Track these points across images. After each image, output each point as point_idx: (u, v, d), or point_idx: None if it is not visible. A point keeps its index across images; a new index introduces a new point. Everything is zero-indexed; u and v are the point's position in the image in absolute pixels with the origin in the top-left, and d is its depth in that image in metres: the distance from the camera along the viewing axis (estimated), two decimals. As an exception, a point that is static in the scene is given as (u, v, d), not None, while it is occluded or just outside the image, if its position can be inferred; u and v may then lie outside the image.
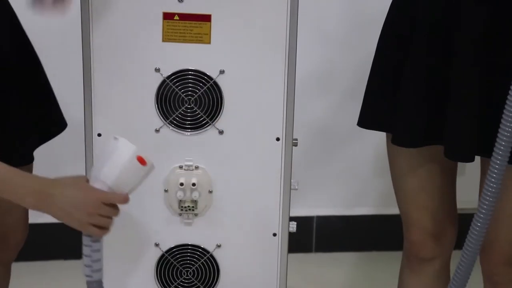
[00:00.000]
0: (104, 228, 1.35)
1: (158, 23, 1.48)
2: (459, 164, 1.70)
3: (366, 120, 1.69)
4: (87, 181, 1.35)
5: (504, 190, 1.56)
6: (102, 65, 1.50)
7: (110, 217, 1.35)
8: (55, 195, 1.31)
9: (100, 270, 1.40)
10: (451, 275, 1.59)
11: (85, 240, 1.39)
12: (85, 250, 1.39)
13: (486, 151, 1.48)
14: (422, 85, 1.57)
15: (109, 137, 1.36)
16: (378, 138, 1.76)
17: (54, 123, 1.67)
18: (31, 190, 1.30)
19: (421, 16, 1.55)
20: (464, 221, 1.46)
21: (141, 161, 1.34)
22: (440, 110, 1.56)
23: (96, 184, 1.34)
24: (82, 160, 1.55)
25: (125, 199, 1.35)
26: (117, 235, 1.57)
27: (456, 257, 1.49)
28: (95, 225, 1.34)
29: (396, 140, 1.62)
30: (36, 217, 2.68)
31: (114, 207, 1.35)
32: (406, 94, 1.59)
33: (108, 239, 1.57)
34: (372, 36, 1.80)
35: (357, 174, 2.80)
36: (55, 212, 1.31)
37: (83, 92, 1.52)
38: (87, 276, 1.39)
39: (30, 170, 1.62)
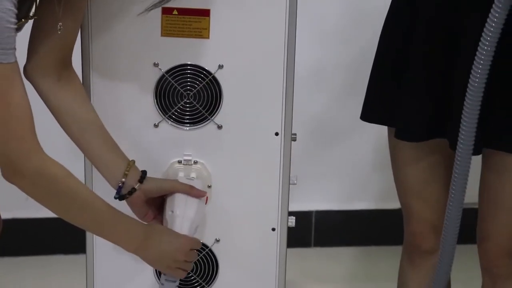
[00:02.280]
0: (186, 270, 1.47)
1: (157, 18, 1.48)
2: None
3: (369, 114, 1.70)
4: None
5: (500, 181, 1.56)
6: (100, 60, 1.50)
7: (192, 261, 1.47)
8: (154, 245, 1.42)
9: None
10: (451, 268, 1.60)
11: (170, 276, 1.46)
12: (169, 285, 1.46)
13: (492, 144, 1.49)
14: (425, 78, 1.57)
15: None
16: (377, 133, 1.77)
17: None
18: (135, 239, 1.40)
19: (423, 9, 1.55)
20: (465, 214, 1.46)
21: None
22: (443, 104, 1.56)
23: (183, 229, 1.46)
24: (80, 158, 1.55)
25: (200, 245, 1.51)
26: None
27: (457, 250, 1.49)
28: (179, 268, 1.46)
29: (399, 134, 1.62)
30: (35, 211, 2.69)
31: (196, 253, 1.48)
32: (409, 88, 1.59)
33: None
34: (371, 31, 1.80)
35: (356, 169, 2.80)
36: (149, 258, 1.43)
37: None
38: None
39: None
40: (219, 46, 1.49)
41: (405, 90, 1.60)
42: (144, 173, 1.47)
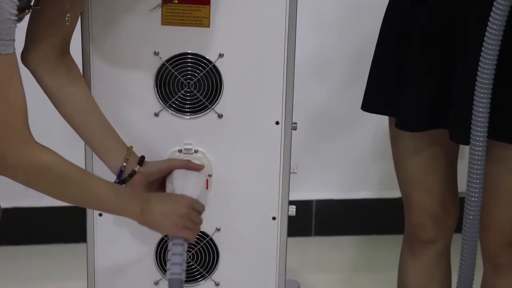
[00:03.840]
0: (193, 232, 1.44)
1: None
2: (459, 147, 1.70)
3: (370, 104, 1.70)
4: None
5: (500, 172, 1.56)
6: (100, 49, 1.50)
7: (197, 224, 1.45)
8: (155, 207, 1.41)
9: (184, 270, 1.40)
10: (452, 258, 1.60)
11: (178, 239, 1.41)
12: (177, 249, 1.40)
13: (493, 135, 1.48)
14: (425, 68, 1.57)
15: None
16: (377, 122, 1.77)
17: None
18: (136, 207, 1.39)
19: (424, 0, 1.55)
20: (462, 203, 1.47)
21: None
22: (443, 94, 1.56)
23: None
24: (81, 147, 1.55)
25: (204, 208, 1.48)
26: (116, 219, 1.57)
27: (457, 240, 1.49)
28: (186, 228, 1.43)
29: (400, 124, 1.62)
30: (35, 200, 2.70)
31: (199, 215, 1.46)
32: (409, 78, 1.59)
33: (105, 224, 1.58)
34: (372, 20, 1.80)
35: (357, 158, 2.80)
36: (154, 221, 1.41)
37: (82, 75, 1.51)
38: (177, 274, 1.37)
39: None
40: (220, 35, 1.49)
41: (405, 80, 1.60)
42: (143, 157, 1.49)
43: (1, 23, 1.14)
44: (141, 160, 1.49)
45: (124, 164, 1.47)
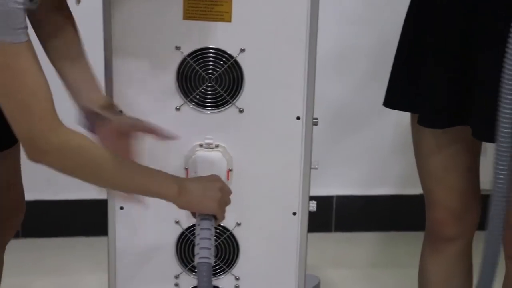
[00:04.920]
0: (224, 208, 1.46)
1: (179, 1, 1.48)
2: (482, 144, 1.69)
3: (392, 100, 1.69)
4: None
5: None
6: (122, 43, 1.50)
7: (227, 204, 1.46)
8: (191, 186, 1.42)
9: (213, 255, 1.40)
10: (473, 255, 1.59)
11: (206, 223, 1.41)
12: (205, 233, 1.40)
13: None
14: (448, 65, 1.57)
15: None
16: (398, 118, 1.76)
17: None
18: (172, 187, 1.39)
19: None
20: (487, 201, 1.45)
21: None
22: (466, 91, 1.55)
23: None
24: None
25: (231, 192, 1.48)
26: (138, 213, 1.58)
27: (478, 237, 1.49)
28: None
29: (423, 121, 1.61)
30: (57, 193, 2.71)
31: (229, 195, 1.47)
32: (433, 75, 1.59)
33: (126, 217, 1.59)
34: (395, 15, 1.79)
35: (377, 154, 2.80)
36: (193, 198, 1.41)
37: (104, 70, 1.52)
38: (206, 258, 1.38)
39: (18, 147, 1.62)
40: (241, 29, 1.49)
41: (428, 76, 1.60)
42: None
43: (7, 13, 1.14)
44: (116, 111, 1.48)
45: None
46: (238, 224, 1.59)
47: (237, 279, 1.62)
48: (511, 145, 1.42)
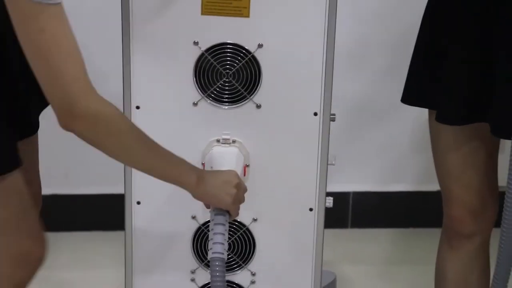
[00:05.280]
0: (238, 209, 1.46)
1: (197, -4, 1.48)
2: (500, 141, 1.68)
3: (410, 96, 1.69)
4: None
5: None
6: (141, 38, 1.51)
7: (241, 202, 1.46)
8: (209, 178, 1.41)
9: (226, 250, 1.40)
10: (491, 252, 1.58)
11: (220, 219, 1.41)
12: (219, 228, 1.40)
13: None
14: (467, 62, 1.56)
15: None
16: (415, 114, 1.75)
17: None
18: (193, 177, 1.39)
19: None
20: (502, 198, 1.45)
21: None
22: (485, 87, 1.55)
23: None
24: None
25: (246, 189, 1.48)
26: (154, 208, 1.59)
27: (496, 235, 1.48)
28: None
29: (441, 117, 1.61)
30: (75, 188, 2.72)
31: (244, 193, 1.47)
32: (451, 71, 1.58)
33: (143, 212, 1.59)
34: (412, 11, 1.78)
35: (394, 151, 2.79)
36: (209, 190, 1.40)
37: (122, 65, 1.52)
38: (219, 253, 1.37)
39: (36, 138, 1.61)
40: (259, 25, 1.49)
41: (446, 73, 1.59)
42: None
43: None
44: None
45: None
46: (255, 220, 1.60)
47: (253, 274, 1.63)
48: None
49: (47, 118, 1.64)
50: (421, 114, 1.76)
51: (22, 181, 1.51)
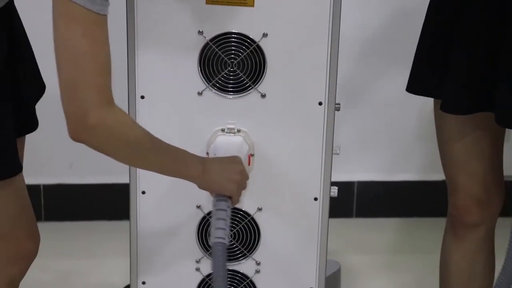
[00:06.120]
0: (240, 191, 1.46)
1: (202, -15, 1.47)
2: (505, 131, 1.68)
3: (415, 85, 1.69)
4: None
5: None
6: (145, 28, 1.50)
7: (244, 188, 1.47)
8: (213, 166, 1.42)
9: (228, 235, 1.40)
10: (496, 242, 1.57)
11: (222, 204, 1.42)
12: (221, 214, 1.40)
13: None
14: (473, 51, 1.55)
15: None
16: (420, 104, 1.75)
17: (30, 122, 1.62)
18: (197, 167, 1.40)
19: None
20: (510, 188, 1.45)
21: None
22: (490, 77, 1.54)
23: None
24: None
25: (248, 177, 1.49)
26: (159, 197, 1.59)
27: (501, 224, 1.48)
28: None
29: (446, 106, 1.61)
30: (79, 178, 2.73)
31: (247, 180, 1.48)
32: (456, 61, 1.57)
33: (148, 201, 1.59)
34: (417, 1, 1.78)
35: (399, 140, 2.79)
36: (213, 178, 1.41)
37: (126, 55, 1.52)
38: (221, 238, 1.37)
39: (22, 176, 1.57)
40: (264, 14, 1.49)
41: (451, 62, 1.59)
42: None
43: None
44: None
45: None
46: (259, 209, 1.60)
47: (258, 263, 1.63)
48: None
49: (50, 108, 1.65)
50: (427, 103, 1.75)
51: (21, 181, 1.52)
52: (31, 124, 1.58)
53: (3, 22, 1.43)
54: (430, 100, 1.71)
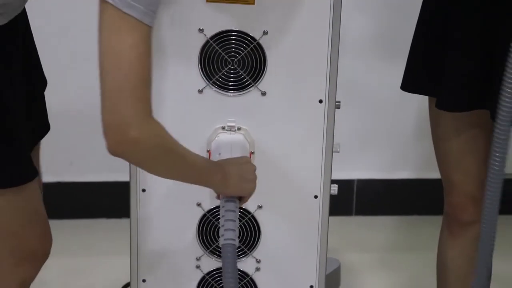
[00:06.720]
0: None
1: (202, -17, 1.47)
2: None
3: (409, 83, 1.69)
4: None
5: None
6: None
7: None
8: (230, 170, 1.41)
9: (237, 236, 1.39)
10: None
11: (231, 205, 1.41)
12: (230, 215, 1.40)
13: None
14: (466, 49, 1.55)
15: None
16: (420, 101, 1.75)
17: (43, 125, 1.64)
18: (218, 174, 1.39)
19: None
20: (506, 186, 1.45)
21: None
22: (486, 74, 1.54)
23: None
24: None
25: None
26: (160, 195, 1.59)
27: (498, 222, 1.48)
28: None
29: (441, 104, 1.61)
30: (79, 175, 2.73)
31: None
32: (451, 58, 1.58)
33: (148, 199, 1.60)
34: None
35: (399, 138, 2.79)
36: (232, 182, 1.40)
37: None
38: (231, 239, 1.37)
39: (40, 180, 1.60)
40: (264, 12, 1.49)
41: (446, 60, 1.59)
42: None
43: None
44: None
45: None
46: (260, 207, 1.60)
47: (258, 261, 1.63)
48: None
49: (50, 106, 1.65)
50: (425, 101, 1.75)
51: (36, 184, 1.52)
52: (45, 126, 1.59)
53: (19, 27, 1.44)
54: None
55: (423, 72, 1.65)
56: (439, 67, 1.60)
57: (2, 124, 1.40)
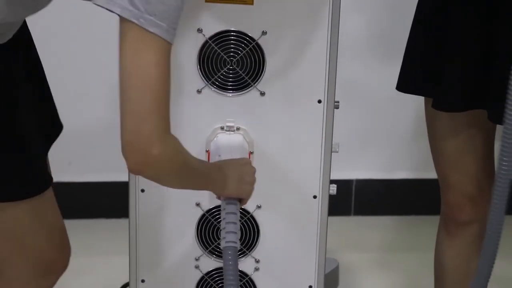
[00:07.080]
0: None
1: (201, -17, 1.48)
2: (496, 128, 1.68)
3: (405, 84, 1.69)
4: None
5: None
6: (145, 25, 1.50)
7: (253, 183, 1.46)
8: (229, 173, 1.40)
9: (239, 238, 1.39)
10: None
11: (232, 207, 1.41)
12: (232, 217, 1.39)
13: None
14: (464, 49, 1.56)
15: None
16: (418, 102, 1.75)
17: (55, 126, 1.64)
18: (220, 179, 1.39)
19: None
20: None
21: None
22: (483, 74, 1.54)
23: None
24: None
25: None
26: (159, 195, 1.59)
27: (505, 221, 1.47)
28: None
29: (437, 104, 1.61)
30: (78, 175, 2.73)
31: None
32: (448, 58, 1.58)
33: (147, 199, 1.60)
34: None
35: (398, 138, 2.79)
36: (231, 186, 1.40)
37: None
38: (232, 242, 1.36)
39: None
40: (263, 12, 1.49)
41: (444, 60, 1.59)
42: None
43: (178, 9, 1.15)
44: None
45: None
46: (259, 207, 1.60)
47: (257, 261, 1.63)
48: None
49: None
50: (423, 101, 1.75)
51: (52, 192, 1.52)
52: (58, 126, 1.59)
53: (22, 38, 1.44)
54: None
55: (419, 72, 1.65)
56: (436, 67, 1.60)
57: (14, 136, 1.39)
